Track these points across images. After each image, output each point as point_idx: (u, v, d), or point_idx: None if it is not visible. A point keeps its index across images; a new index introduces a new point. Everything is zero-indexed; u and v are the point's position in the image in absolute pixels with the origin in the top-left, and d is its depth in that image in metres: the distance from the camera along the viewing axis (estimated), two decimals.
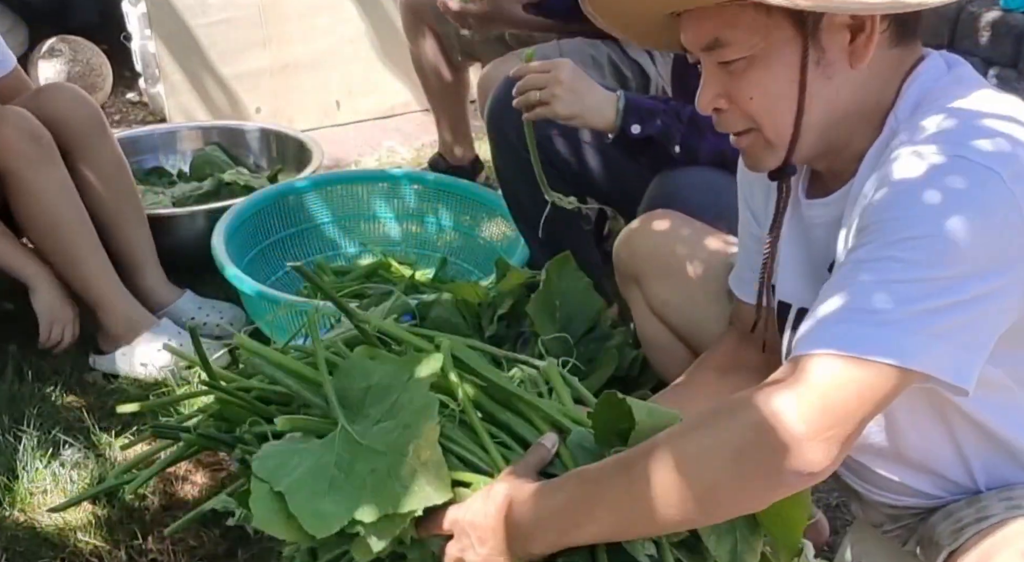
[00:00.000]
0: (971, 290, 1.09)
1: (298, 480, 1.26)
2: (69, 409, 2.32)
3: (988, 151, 1.11)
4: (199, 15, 3.65)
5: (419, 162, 3.49)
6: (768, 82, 1.23)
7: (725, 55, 1.24)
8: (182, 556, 1.90)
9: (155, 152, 3.31)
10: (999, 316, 1.13)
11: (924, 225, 1.09)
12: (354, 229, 2.94)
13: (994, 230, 1.09)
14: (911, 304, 1.08)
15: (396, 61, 3.84)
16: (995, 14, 3.27)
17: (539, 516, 1.19)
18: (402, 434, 1.27)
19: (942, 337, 1.08)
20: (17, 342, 2.53)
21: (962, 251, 1.08)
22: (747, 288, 1.56)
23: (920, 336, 1.08)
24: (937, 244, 1.08)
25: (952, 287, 1.08)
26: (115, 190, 2.56)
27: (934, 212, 1.09)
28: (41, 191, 2.38)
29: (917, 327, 1.08)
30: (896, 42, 1.24)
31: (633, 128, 1.93)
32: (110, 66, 3.98)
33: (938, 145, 1.13)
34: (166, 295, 2.59)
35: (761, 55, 1.22)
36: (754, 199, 1.51)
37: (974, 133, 1.13)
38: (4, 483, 2.06)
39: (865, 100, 1.25)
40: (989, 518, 1.25)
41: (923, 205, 1.09)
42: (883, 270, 1.10)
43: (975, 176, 1.09)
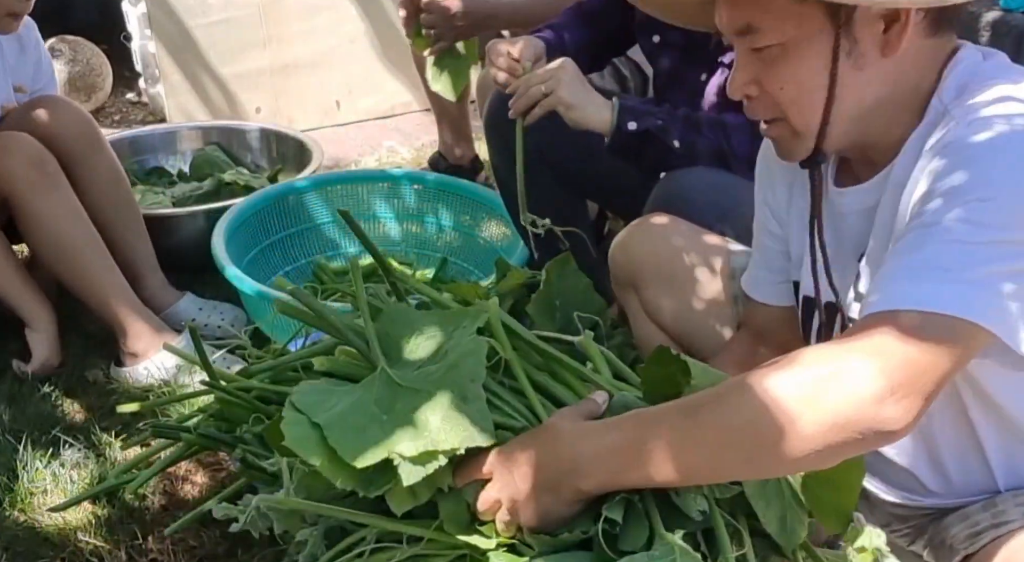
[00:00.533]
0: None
1: (337, 414, 1.22)
2: (69, 409, 2.32)
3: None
4: (199, 15, 3.65)
5: (419, 162, 3.49)
6: (799, 72, 1.24)
7: (757, 41, 1.24)
8: (182, 556, 1.90)
9: (155, 152, 3.31)
10: None
11: (993, 187, 1.09)
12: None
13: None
14: (983, 265, 1.07)
15: (396, 61, 3.84)
16: (995, 14, 3.27)
17: (593, 452, 1.12)
18: (446, 374, 1.23)
19: (1012, 299, 1.07)
20: (17, 341, 2.53)
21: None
22: (764, 288, 1.55)
23: (992, 296, 1.06)
24: (1008, 206, 1.08)
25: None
26: (113, 200, 2.55)
27: (1003, 174, 1.09)
28: (50, 217, 2.38)
29: (990, 287, 1.06)
30: (932, 32, 1.23)
31: (629, 124, 1.93)
32: (110, 66, 3.98)
33: (999, 114, 1.13)
34: (167, 299, 2.59)
35: (793, 44, 1.22)
36: (774, 196, 1.50)
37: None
38: (4, 483, 2.06)
39: (900, 89, 1.24)
40: (1007, 523, 1.24)
41: (991, 168, 1.10)
42: (953, 231, 1.08)
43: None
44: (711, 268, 1.67)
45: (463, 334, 1.30)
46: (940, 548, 1.33)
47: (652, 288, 1.70)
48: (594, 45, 2.29)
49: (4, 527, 1.95)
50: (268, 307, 2.36)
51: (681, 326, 1.71)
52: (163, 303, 2.58)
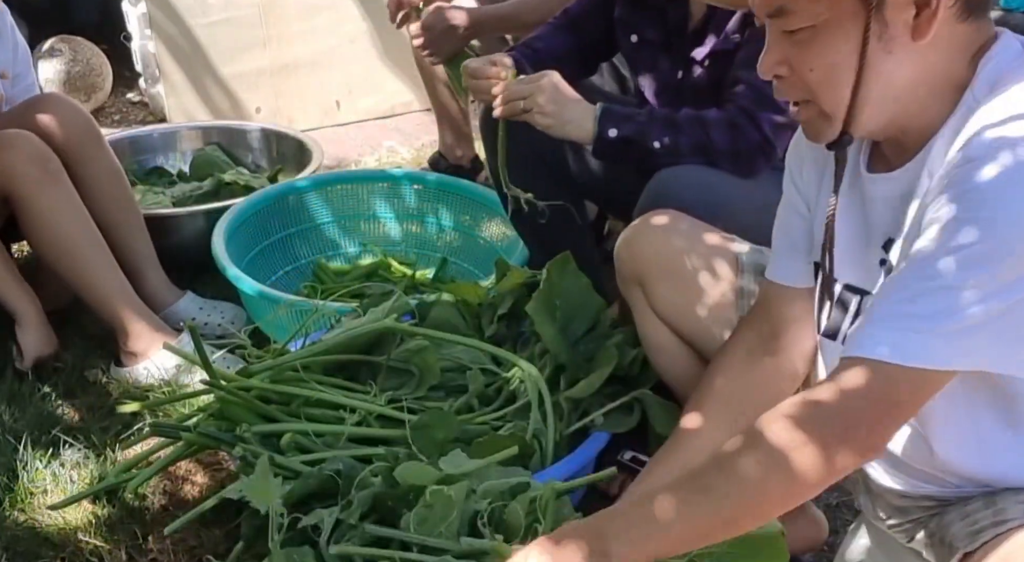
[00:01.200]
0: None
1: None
2: (69, 409, 2.32)
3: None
4: (199, 15, 3.65)
5: (419, 162, 3.49)
6: (829, 54, 1.25)
7: (790, 23, 1.25)
8: (182, 556, 1.90)
9: (155, 152, 3.31)
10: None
11: (987, 228, 1.11)
12: (354, 229, 2.93)
13: None
14: (964, 311, 1.12)
15: (396, 61, 3.84)
16: (995, 14, 3.27)
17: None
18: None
19: (1001, 334, 1.13)
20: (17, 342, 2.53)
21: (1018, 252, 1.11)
22: (786, 269, 1.53)
23: (968, 340, 1.13)
24: (1003, 246, 1.11)
25: (1010, 288, 1.12)
26: (113, 199, 2.55)
27: (1003, 218, 1.11)
28: (51, 215, 2.38)
29: (967, 333, 1.13)
30: (964, 17, 1.24)
31: (610, 132, 1.95)
32: (110, 66, 3.98)
33: (1015, 135, 1.13)
34: (168, 297, 2.59)
35: (824, 26, 1.23)
36: (803, 179, 1.51)
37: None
38: (4, 483, 2.06)
39: (931, 75, 1.25)
40: (1007, 522, 1.24)
41: (994, 210, 1.11)
42: (943, 275, 1.13)
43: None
44: (718, 264, 1.68)
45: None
46: (940, 546, 1.33)
47: (659, 284, 1.71)
48: (580, 51, 2.29)
49: (4, 527, 1.95)
50: (268, 307, 2.36)
51: (688, 322, 1.71)
52: (164, 302, 2.58)
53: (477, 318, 2.06)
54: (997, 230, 1.11)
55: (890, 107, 1.27)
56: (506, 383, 1.95)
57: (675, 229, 1.72)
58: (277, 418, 1.85)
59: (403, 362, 1.96)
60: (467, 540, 1.49)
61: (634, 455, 2.02)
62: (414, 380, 1.94)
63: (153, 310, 2.53)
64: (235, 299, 2.58)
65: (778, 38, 1.28)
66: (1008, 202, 1.11)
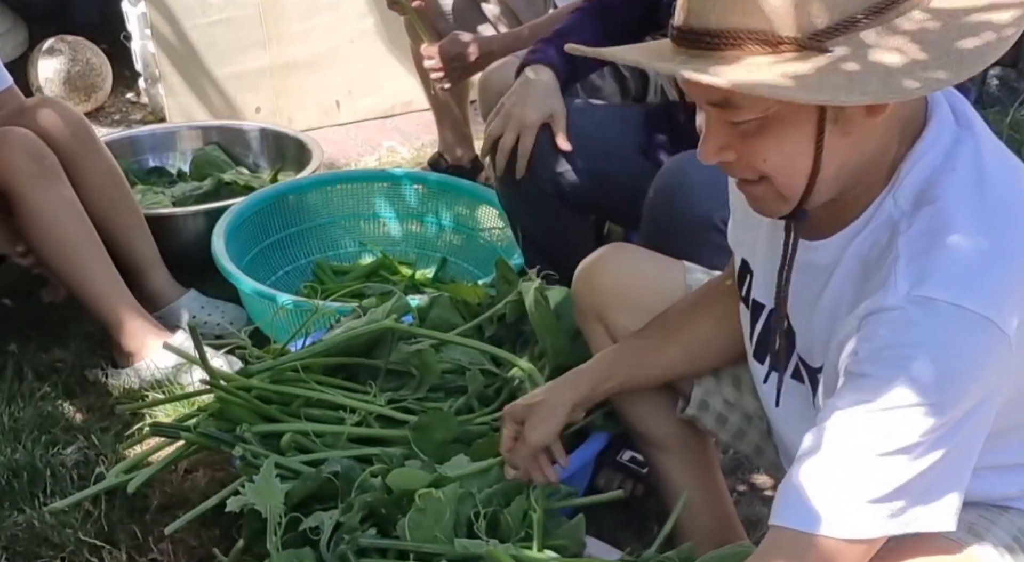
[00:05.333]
0: (957, 435, 1.14)
1: None
2: (69, 408, 2.32)
3: (985, 296, 1.12)
4: (199, 15, 3.65)
5: (419, 162, 3.49)
6: (783, 144, 1.18)
7: (737, 116, 1.17)
8: (182, 556, 1.90)
9: (155, 152, 3.31)
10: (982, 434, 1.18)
11: (916, 391, 1.11)
12: (354, 229, 2.93)
13: (985, 375, 1.13)
14: (895, 479, 1.13)
15: (397, 61, 3.84)
16: None
17: None
18: None
19: (923, 495, 1.15)
20: (17, 341, 2.53)
21: (950, 405, 1.12)
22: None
23: (894, 505, 1.14)
24: (924, 410, 1.12)
25: (937, 442, 1.13)
26: (112, 200, 2.55)
27: (926, 377, 1.11)
28: (47, 211, 2.38)
29: (890, 499, 1.14)
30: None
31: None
32: (110, 66, 3.97)
33: (938, 289, 1.12)
34: (171, 294, 2.59)
35: (775, 117, 1.15)
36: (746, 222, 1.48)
37: (970, 272, 1.13)
38: (4, 483, 2.06)
39: (878, 152, 1.21)
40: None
41: (911, 367, 1.12)
42: (872, 442, 1.14)
43: (971, 327, 1.11)
44: (672, 291, 1.67)
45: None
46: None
47: (621, 316, 1.68)
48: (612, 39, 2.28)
49: (4, 527, 1.95)
50: (268, 307, 2.36)
51: None
52: (167, 299, 2.58)
53: (477, 318, 2.06)
54: (916, 391, 1.12)
55: (840, 183, 1.23)
56: (506, 383, 1.95)
57: (630, 261, 1.72)
58: (277, 418, 1.85)
59: (403, 363, 1.96)
60: (461, 542, 1.49)
61: (633, 455, 2.02)
62: (414, 381, 1.94)
63: (156, 307, 2.53)
64: (236, 299, 2.58)
65: (721, 126, 1.20)
66: (924, 361, 1.11)
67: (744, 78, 1.10)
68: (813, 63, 1.10)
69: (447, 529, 1.51)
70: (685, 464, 1.75)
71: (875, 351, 1.15)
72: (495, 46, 2.73)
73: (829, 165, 1.19)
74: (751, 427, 1.66)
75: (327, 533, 1.54)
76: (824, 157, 1.18)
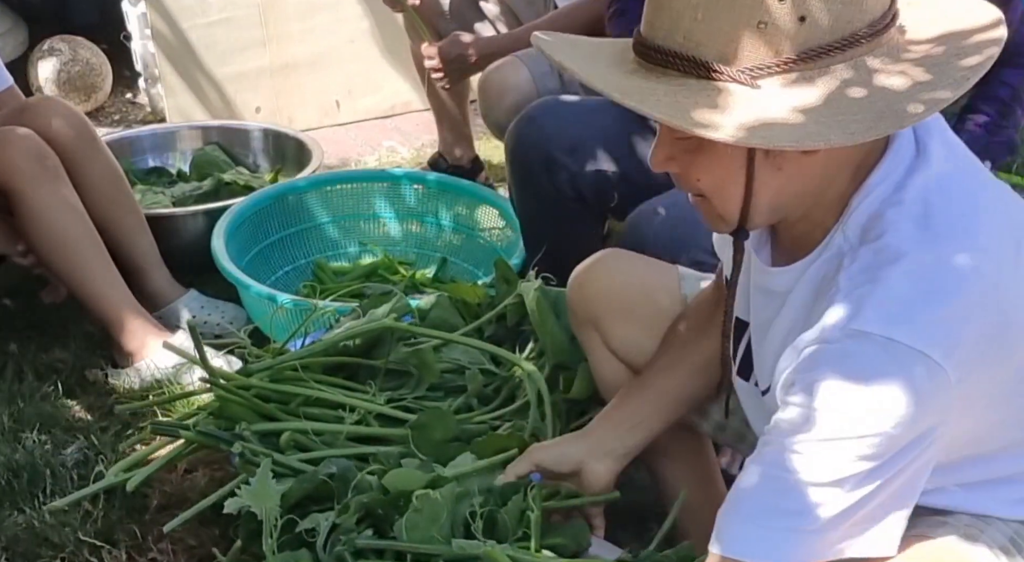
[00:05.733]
0: (894, 467, 1.15)
1: None
2: (69, 408, 2.32)
3: (919, 330, 1.12)
4: (199, 15, 3.65)
5: (419, 162, 3.49)
6: (715, 168, 1.20)
7: (676, 132, 1.19)
8: (182, 555, 1.90)
9: (155, 152, 3.30)
10: (922, 471, 1.18)
11: (849, 422, 1.13)
12: (354, 229, 2.93)
13: (921, 409, 1.12)
14: (826, 506, 1.14)
15: (397, 61, 3.84)
16: None
17: None
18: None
19: (857, 525, 1.16)
20: (17, 341, 2.53)
21: (884, 438, 1.12)
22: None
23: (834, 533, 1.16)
24: (856, 443, 1.13)
25: (872, 474, 1.14)
26: (112, 199, 2.55)
27: (859, 410, 1.12)
28: (47, 211, 2.37)
29: (827, 528, 1.15)
30: None
31: None
32: (110, 66, 3.97)
33: (871, 323, 1.13)
34: (171, 294, 2.59)
35: (709, 141, 1.15)
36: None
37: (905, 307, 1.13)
38: (4, 483, 2.06)
39: (823, 187, 1.22)
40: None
41: (848, 399, 1.13)
42: (805, 469, 1.15)
43: (903, 361, 1.12)
44: (667, 296, 1.67)
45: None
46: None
47: (615, 323, 1.69)
48: None
49: (4, 527, 1.95)
50: (268, 307, 2.36)
51: (643, 357, 1.69)
52: (167, 298, 2.58)
53: (477, 318, 2.06)
54: (849, 424, 1.13)
55: (781, 212, 1.25)
56: (505, 383, 1.95)
57: (624, 266, 1.72)
58: (276, 417, 1.85)
59: (402, 362, 1.96)
60: (458, 543, 1.48)
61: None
62: (413, 380, 1.95)
63: (156, 307, 2.53)
64: (236, 299, 2.58)
65: (668, 136, 1.22)
66: (856, 395, 1.12)
67: (666, 104, 1.13)
68: (738, 99, 1.12)
69: (444, 529, 1.50)
70: (684, 468, 1.76)
71: (809, 383, 1.16)
72: (495, 47, 2.74)
73: (762, 195, 1.20)
74: (750, 431, 1.66)
75: (323, 535, 1.54)
76: (756, 187, 1.19)
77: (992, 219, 1.20)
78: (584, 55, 1.25)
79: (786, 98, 1.12)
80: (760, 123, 1.11)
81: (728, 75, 1.13)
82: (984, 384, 1.18)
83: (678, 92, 1.14)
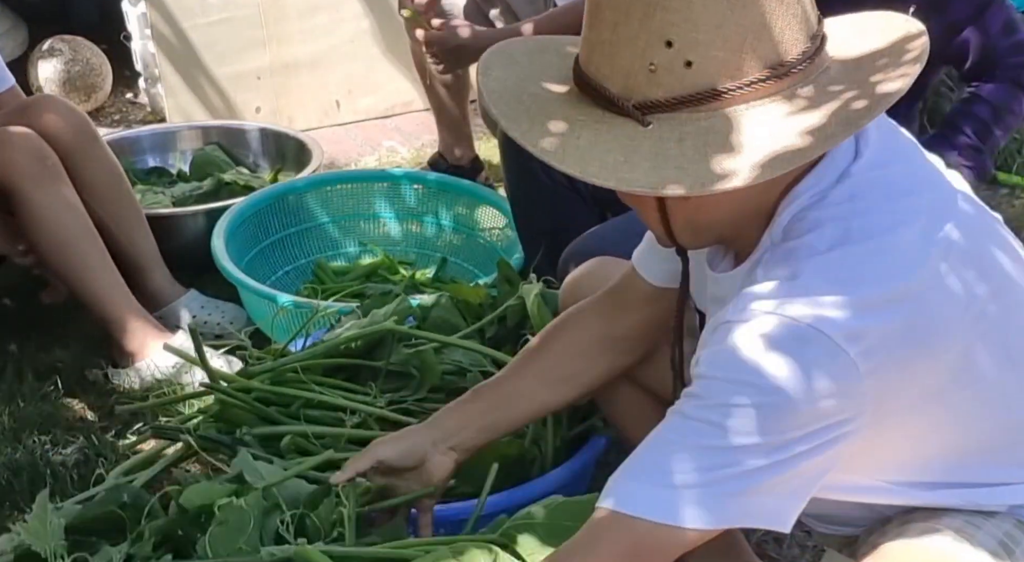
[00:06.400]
0: (792, 450, 1.14)
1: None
2: (69, 408, 2.32)
3: (824, 313, 1.12)
4: (198, 15, 3.65)
5: (419, 162, 3.49)
6: (628, 194, 1.24)
7: None
8: None
9: (155, 152, 3.31)
10: (825, 463, 1.17)
11: (745, 392, 1.13)
12: (354, 229, 2.94)
13: (824, 394, 1.12)
14: (716, 470, 1.14)
15: (397, 60, 3.84)
16: None
17: None
18: None
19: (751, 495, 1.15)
20: (17, 341, 2.53)
21: (784, 415, 1.12)
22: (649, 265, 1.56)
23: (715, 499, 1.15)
24: (755, 413, 1.12)
25: (768, 449, 1.13)
26: (113, 198, 2.55)
27: (753, 378, 1.12)
28: (48, 211, 2.38)
29: (718, 491, 1.15)
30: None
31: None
32: (110, 66, 3.98)
33: (779, 305, 1.14)
34: (171, 294, 2.59)
35: None
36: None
37: (809, 290, 1.14)
38: (4, 483, 2.06)
39: (737, 210, 1.24)
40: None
41: (746, 369, 1.13)
42: (698, 433, 1.15)
43: (801, 339, 1.12)
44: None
45: None
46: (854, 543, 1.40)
47: None
48: None
49: (4, 527, 1.95)
50: (268, 307, 2.36)
51: (642, 364, 1.69)
52: (167, 298, 2.58)
53: (477, 319, 2.06)
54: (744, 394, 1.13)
55: (709, 236, 1.29)
56: None
57: (612, 275, 1.69)
58: (277, 420, 1.85)
59: (403, 364, 1.96)
60: (268, 550, 1.42)
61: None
62: (414, 382, 1.94)
63: (156, 307, 2.53)
64: (236, 299, 2.58)
65: None
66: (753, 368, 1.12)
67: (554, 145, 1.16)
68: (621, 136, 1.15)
69: (252, 540, 1.42)
70: None
71: (711, 355, 1.17)
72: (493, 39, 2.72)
73: (677, 220, 1.25)
74: None
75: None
76: (670, 215, 1.24)
77: (917, 222, 1.19)
78: (530, 73, 1.27)
79: (663, 139, 1.14)
80: (625, 163, 1.14)
81: (625, 110, 1.16)
82: (908, 384, 1.17)
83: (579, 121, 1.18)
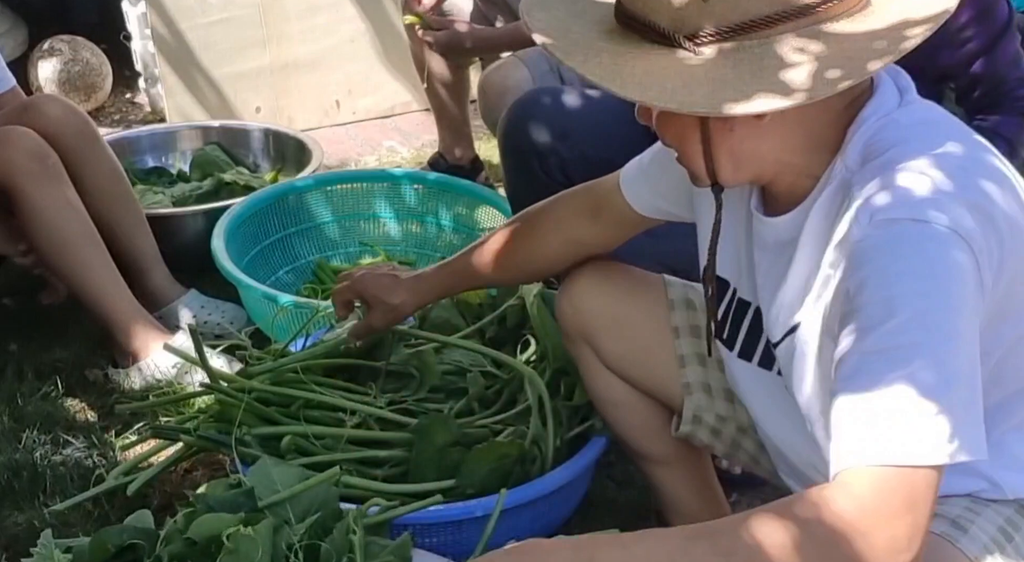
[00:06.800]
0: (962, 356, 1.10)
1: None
2: (69, 408, 2.32)
3: (942, 211, 1.13)
4: (199, 15, 3.65)
5: (419, 162, 3.49)
6: (672, 125, 1.26)
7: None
8: None
9: (155, 152, 3.31)
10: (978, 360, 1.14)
11: (906, 304, 1.10)
12: (354, 229, 2.93)
13: (963, 284, 1.12)
14: (946, 387, 1.08)
15: (396, 61, 3.84)
16: None
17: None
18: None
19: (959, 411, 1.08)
20: (17, 341, 2.53)
21: (944, 311, 1.10)
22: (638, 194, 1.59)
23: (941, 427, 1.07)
24: (927, 317, 1.10)
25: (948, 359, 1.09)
26: (113, 197, 2.55)
27: (913, 288, 1.11)
28: (48, 211, 2.37)
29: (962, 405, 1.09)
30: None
31: None
32: (110, 66, 3.98)
33: (891, 211, 1.14)
34: (171, 294, 2.59)
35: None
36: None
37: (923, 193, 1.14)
38: (4, 483, 2.06)
39: (789, 142, 1.24)
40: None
41: (901, 284, 1.11)
42: (906, 360, 1.09)
43: (936, 238, 1.11)
44: (653, 306, 1.67)
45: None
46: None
47: (607, 338, 1.69)
48: None
49: (4, 527, 1.95)
50: (269, 307, 2.36)
51: (642, 370, 1.69)
52: (167, 298, 2.58)
53: (478, 319, 2.06)
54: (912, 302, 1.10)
55: (751, 170, 1.28)
56: (506, 385, 1.95)
57: (612, 277, 1.71)
58: (277, 420, 1.85)
59: (403, 364, 1.96)
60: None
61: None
62: (414, 382, 1.94)
63: (156, 307, 2.53)
64: (236, 299, 2.58)
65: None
66: (908, 275, 1.11)
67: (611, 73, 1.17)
68: (675, 65, 1.16)
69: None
70: (681, 477, 1.76)
71: (860, 283, 1.14)
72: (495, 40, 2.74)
73: (721, 153, 1.24)
74: (746, 438, 1.65)
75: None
76: (713, 147, 1.24)
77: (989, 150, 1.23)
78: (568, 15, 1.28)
79: (718, 66, 1.15)
80: (684, 88, 1.15)
81: (676, 41, 1.17)
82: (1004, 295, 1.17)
83: (630, 54, 1.19)
